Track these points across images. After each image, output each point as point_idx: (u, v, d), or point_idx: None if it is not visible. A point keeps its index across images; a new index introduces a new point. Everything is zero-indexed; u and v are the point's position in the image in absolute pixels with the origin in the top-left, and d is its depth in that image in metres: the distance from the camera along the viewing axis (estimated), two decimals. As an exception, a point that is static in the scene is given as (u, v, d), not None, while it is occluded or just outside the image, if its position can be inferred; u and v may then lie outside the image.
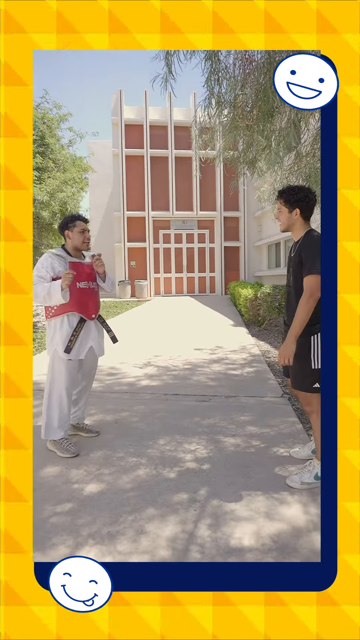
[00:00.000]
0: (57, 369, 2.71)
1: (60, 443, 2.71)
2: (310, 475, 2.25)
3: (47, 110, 7.50)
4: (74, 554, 1.75)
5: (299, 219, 2.26)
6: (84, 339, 2.78)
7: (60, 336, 2.69)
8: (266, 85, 2.63)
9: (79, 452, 2.72)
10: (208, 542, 1.82)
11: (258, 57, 2.77)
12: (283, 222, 2.30)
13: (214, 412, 3.49)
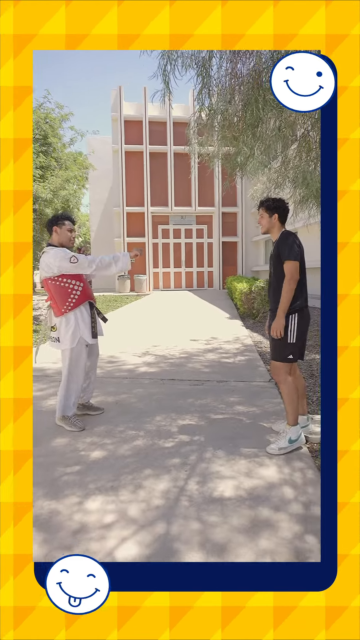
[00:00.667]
0: (78, 357, 3.02)
1: (69, 419, 3.05)
2: (285, 441, 2.61)
3: (49, 111, 7.79)
4: (83, 503, 2.09)
5: (277, 223, 2.73)
6: (97, 322, 3.14)
7: (85, 325, 3.01)
8: (251, 99, 2.95)
9: (85, 427, 3.06)
10: (195, 494, 2.16)
11: (245, 72, 3.09)
12: (264, 225, 2.76)
13: (206, 394, 3.83)
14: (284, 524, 1.90)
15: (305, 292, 2.68)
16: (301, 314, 2.62)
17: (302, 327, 2.64)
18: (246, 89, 2.98)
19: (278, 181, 4.47)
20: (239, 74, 3.10)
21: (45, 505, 2.07)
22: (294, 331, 2.59)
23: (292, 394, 2.64)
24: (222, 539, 1.80)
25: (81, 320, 3.01)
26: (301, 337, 2.64)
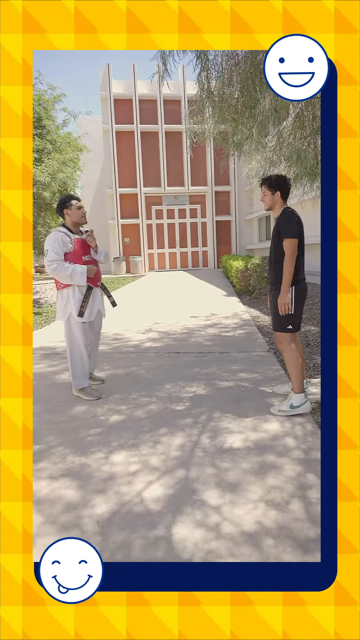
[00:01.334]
0: (75, 331, 3.26)
1: (85, 389, 3.29)
2: (287, 405, 2.84)
3: (42, 92, 7.77)
4: (109, 457, 2.34)
5: (279, 200, 2.86)
6: (92, 304, 3.33)
7: (74, 303, 3.22)
8: (248, 80, 3.08)
9: (100, 395, 3.30)
10: (208, 446, 2.43)
11: (241, 54, 3.21)
12: (267, 203, 2.88)
13: (210, 364, 4.08)
14: (287, 466, 2.17)
15: (303, 266, 2.83)
16: (299, 286, 2.77)
17: (299, 300, 2.77)
18: (243, 71, 3.11)
19: (273, 159, 4.62)
20: (236, 55, 3.23)
21: (76, 460, 2.32)
22: (292, 302, 2.75)
23: (296, 362, 2.80)
24: (235, 479, 2.06)
25: (72, 297, 3.21)
26: (298, 308, 2.79)
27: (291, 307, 2.75)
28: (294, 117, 3.91)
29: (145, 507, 1.87)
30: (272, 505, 1.85)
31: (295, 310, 2.78)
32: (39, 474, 2.18)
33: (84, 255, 3.26)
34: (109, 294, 3.57)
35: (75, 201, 3.29)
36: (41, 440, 2.58)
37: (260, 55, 3.02)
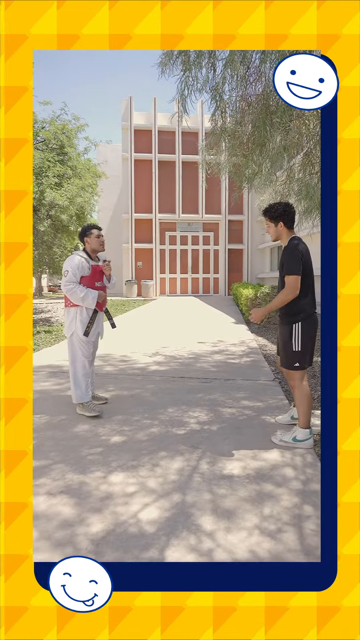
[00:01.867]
0: (78, 347, 3.41)
1: (87, 405, 3.38)
2: (289, 437, 2.81)
3: (66, 122, 8.18)
4: (107, 477, 2.36)
5: (284, 229, 2.79)
6: (96, 325, 3.50)
7: (80, 322, 3.40)
8: (259, 121, 3.25)
9: (102, 412, 3.36)
10: (207, 472, 2.43)
11: (253, 96, 3.40)
12: (272, 234, 2.85)
13: (214, 390, 4.10)
14: (285, 496, 2.16)
15: (312, 298, 2.71)
16: (306, 322, 2.67)
17: (308, 335, 2.68)
18: (255, 112, 3.29)
19: (283, 193, 4.77)
20: (249, 97, 3.42)
21: (75, 478, 2.35)
22: (298, 339, 2.67)
23: (304, 399, 2.74)
24: (231, 507, 2.07)
25: (79, 316, 3.39)
26: (307, 344, 2.69)
27: (297, 344, 2.69)
28: (303, 155, 4.07)
29: (140, 528, 1.88)
30: (266, 534, 1.85)
31: (303, 347, 2.69)
32: (38, 489, 2.21)
33: (97, 282, 3.47)
34: (110, 316, 3.72)
35: (96, 230, 3.52)
36: (43, 456, 2.62)
37: (272, 97, 3.21)
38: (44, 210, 7.48)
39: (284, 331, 2.77)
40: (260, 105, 3.30)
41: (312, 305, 2.73)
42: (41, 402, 3.71)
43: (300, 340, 2.69)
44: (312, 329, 2.72)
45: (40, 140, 8.53)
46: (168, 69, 3.59)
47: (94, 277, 3.45)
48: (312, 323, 2.72)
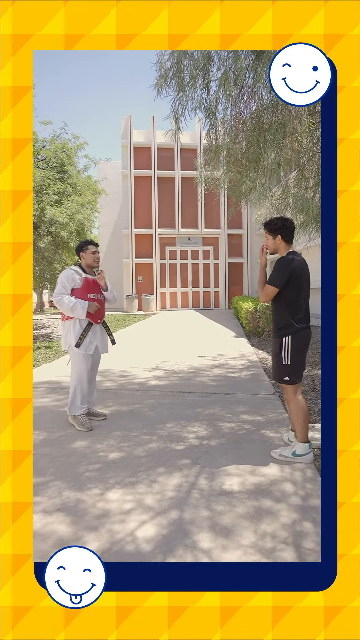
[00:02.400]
0: (78, 361, 3.46)
1: (79, 418, 3.42)
2: (289, 452, 2.79)
3: (66, 141, 8.35)
4: (105, 494, 2.34)
5: (282, 243, 2.82)
6: (91, 338, 3.51)
7: (73, 334, 3.45)
8: (253, 139, 3.33)
9: (93, 427, 3.39)
10: (205, 487, 2.41)
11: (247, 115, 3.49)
12: (270, 247, 2.87)
13: (213, 404, 4.08)
14: (283, 512, 2.14)
15: (302, 313, 2.71)
16: (295, 337, 2.69)
17: (297, 349, 2.69)
18: (249, 130, 3.38)
19: (280, 207, 4.84)
20: (243, 115, 3.51)
21: (72, 495, 2.33)
22: (287, 353, 2.68)
23: (300, 412, 2.72)
24: (229, 524, 2.04)
25: (72, 329, 3.44)
26: (296, 358, 2.69)
27: (287, 358, 2.70)
28: (298, 171, 4.14)
29: (136, 546, 1.86)
30: (264, 552, 1.81)
31: (292, 361, 2.70)
32: (35, 507, 2.19)
33: (90, 293, 3.50)
34: (110, 332, 3.72)
35: (92, 246, 3.58)
36: (39, 473, 2.60)
37: (265, 115, 3.30)
38: (44, 227, 7.58)
39: (275, 344, 2.82)
40: (253, 124, 3.39)
41: (303, 320, 2.74)
42: (39, 418, 3.69)
43: (290, 353, 2.70)
44: (302, 343, 2.73)
45: (41, 158, 8.68)
46: (164, 89, 3.68)
47: (87, 289, 3.49)
48: (302, 337, 2.72)
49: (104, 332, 3.66)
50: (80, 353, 3.43)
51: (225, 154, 3.69)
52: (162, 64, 3.59)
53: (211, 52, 3.55)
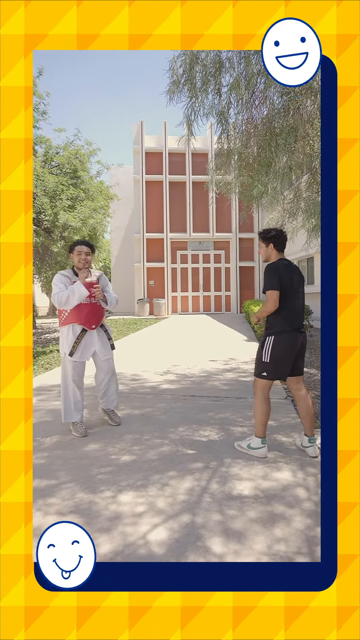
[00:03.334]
0: (66, 367, 3.41)
1: (75, 424, 3.42)
2: (246, 443, 2.98)
3: (79, 147, 8.47)
4: (117, 496, 2.35)
5: (273, 251, 2.97)
6: (88, 344, 3.43)
7: (66, 342, 3.39)
8: (264, 143, 3.34)
9: (87, 433, 3.39)
10: (217, 492, 2.41)
11: (259, 119, 3.51)
12: (263, 255, 3.02)
13: (225, 409, 4.07)
14: (296, 518, 2.12)
15: (292, 318, 2.80)
16: (279, 338, 2.78)
17: (279, 351, 2.78)
18: (260, 134, 3.39)
19: (291, 211, 4.83)
20: (254, 120, 3.53)
21: (85, 497, 2.34)
22: (268, 351, 2.82)
23: (261, 409, 2.89)
24: (241, 528, 2.03)
25: (66, 337, 3.40)
26: (276, 359, 2.79)
27: (266, 356, 2.83)
28: (310, 175, 4.13)
29: (148, 549, 1.86)
30: (277, 558, 1.80)
31: (272, 361, 2.81)
32: (48, 509, 2.21)
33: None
34: (110, 336, 3.60)
35: (80, 247, 3.38)
36: (53, 475, 2.62)
37: (276, 120, 3.31)
38: (57, 231, 7.67)
39: (260, 341, 2.95)
40: (265, 128, 3.40)
41: (289, 322, 2.81)
42: (52, 422, 3.73)
43: (269, 352, 2.82)
44: (284, 347, 2.80)
45: (54, 165, 8.82)
46: (176, 95, 3.71)
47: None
48: (286, 339, 2.80)
49: (103, 335, 3.54)
50: (70, 361, 3.35)
51: (237, 158, 3.72)
52: (175, 70, 3.63)
53: (222, 57, 3.59)
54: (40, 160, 8.47)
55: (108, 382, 3.64)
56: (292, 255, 15.43)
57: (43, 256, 10.49)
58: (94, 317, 3.45)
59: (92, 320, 3.43)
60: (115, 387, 3.68)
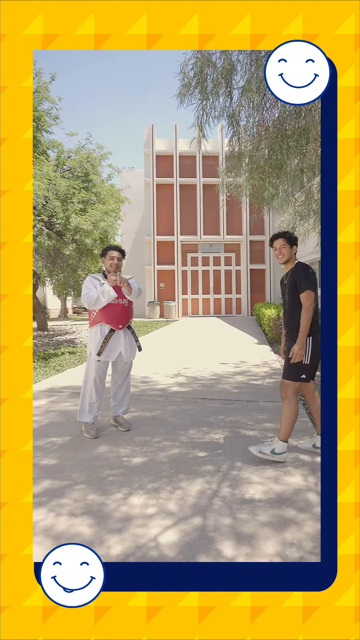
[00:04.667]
0: (89, 367, 3.46)
1: (87, 425, 3.45)
2: (268, 449, 2.84)
3: (91, 151, 8.55)
4: (128, 498, 2.36)
5: (294, 254, 3.01)
6: (115, 345, 3.47)
7: (94, 342, 3.43)
8: (275, 145, 3.34)
9: (98, 435, 3.42)
10: (228, 495, 2.40)
11: (270, 121, 3.50)
12: (285, 255, 2.97)
13: (236, 412, 4.06)
14: (308, 522, 2.10)
15: (318, 318, 2.84)
16: (315, 337, 2.82)
17: (316, 350, 2.81)
18: (271, 136, 3.39)
19: (302, 214, 4.81)
20: (265, 122, 3.53)
21: (96, 499, 2.36)
22: (308, 353, 2.80)
23: (291, 414, 2.84)
24: (252, 532, 2.02)
25: (94, 337, 3.44)
26: (314, 358, 2.82)
27: (307, 357, 2.79)
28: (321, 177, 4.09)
29: (160, 552, 1.87)
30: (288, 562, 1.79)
31: (312, 361, 2.81)
32: (60, 509, 2.23)
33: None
34: (136, 338, 3.66)
35: (112, 251, 3.52)
36: (65, 476, 2.64)
37: (287, 122, 3.30)
38: (69, 234, 7.74)
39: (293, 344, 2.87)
40: (276, 130, 3.40)
41: (317, 322, 2.87)
42: (63, 423, 3.76)
43: (310, 353, 2.80)
44: (318, 345, 2.82)
45: (66, 169, 8.91)
46: (187, 98, 3.73)
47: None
48: (319, 339, 2.82)
49: (130, 338, 3.58)
50: (96, 361, 3.40)
51: (248, 160, 3.72)
52: (186, 73, 3.65)
53: (234, 60, 3.59)
54: (53, 164, 8.57)
55: (121, 385, 3.65)
56: (303, 258, 15.34)
57: (55, 259, 10.60)
58: (122, 317, 3.51)
59: (119, 319, 3.49)
60: (124, 391, 3.68)
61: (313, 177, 3.79)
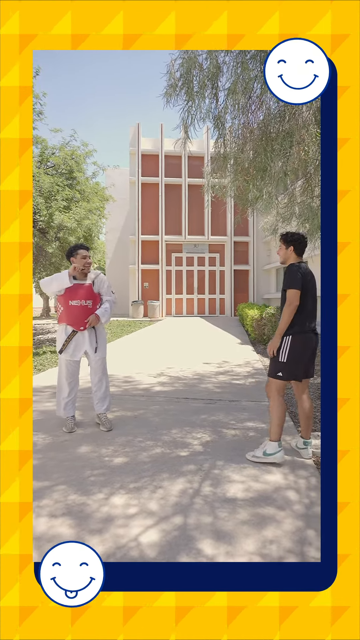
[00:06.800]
0: (60, 365, 3.59)
1: (65, 420, 3.55)
2: (261, 452, 2.87)
3: (75, 148, 8.47)
4: (109, 498, 2.35)
5: (292, 254, 2.98)
6: (79, 344, 3.53)
7: (59, 340, 3.55)
8: (260, 148, 3.38)
9: (75, 430, 3.53)
10: (209, 494, 2.41)
11: (255, 124, 3.55)
12: (281, 256, 3.01)
13: (218, 411, 4.09)
14: (287, 520, 2.14)
15: (308, 319, 2.84)
16: (296, 338, 2.79)
17: (296, 350, 2.79)
18: (256, 138, 3.43)
19: (285, 216, 4.88)
20: (250, 125, 3.57)
21: (77, 499, 2.34)
22: (285, 352, 2.81)
23: (277, 412, 2.84)
24: (232, 530, 2.04)
25: (59, 335, 3.57)
26: (293, 359, 2.79)
27: (284, 355, 2.81)
28: (304, 180, 4.18)
29: (140, 551, 1.87)
30: (268, 559, 1.81)
31: (289, 361, 2.80)
32: (40, 510, 2.21)
33: (73, 300, 3.47)
34: (96, 340, 3.57)
35: (82, 250, 3.50)
36: (46, 477, 2.61)
37: (272, 125, 3.34)
38: (52, 232, 7.65)
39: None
40: (261, 133, 3.44)
41: (305, 323, 2.85)
42: (44, 423, 3.72)
43: (287, 353, 2.81)
44: (300, 347, 2.82)
45: (50, 165, 8.80)
46: (173, 99, 3.74)
47: (70, 295, 3.44)
48: (303, 340, 2.82)
49: (93, 337, 3.54)
50: (63, 359, 3.53)
51: (233, 162, 3.76)
52: (172, 73, 3.65)
53: (220, 62, 3.62)
54: (36, 161, 8.46)
55: (98, 383, 3.66)
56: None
57: (37, 257, 10.45)
58: (84, 318, 3.52)
59: (81, 321, 3.51)
60: (104, 389, 3.67)
61: (296, 180, 3.86)
